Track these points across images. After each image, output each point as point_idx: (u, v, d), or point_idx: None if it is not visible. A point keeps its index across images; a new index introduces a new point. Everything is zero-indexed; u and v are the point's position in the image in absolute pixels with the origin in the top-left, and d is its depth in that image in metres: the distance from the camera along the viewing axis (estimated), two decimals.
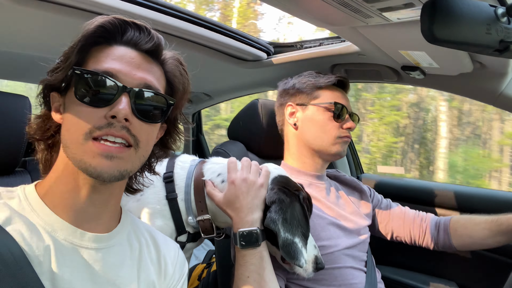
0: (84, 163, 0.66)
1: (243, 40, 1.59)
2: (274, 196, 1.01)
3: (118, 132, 0.67)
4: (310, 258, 1.05)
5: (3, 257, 0.58)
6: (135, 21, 0.74)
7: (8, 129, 1.07)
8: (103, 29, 0.71)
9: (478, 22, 0.65)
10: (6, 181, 1.10)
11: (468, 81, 1.38)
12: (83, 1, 1.09)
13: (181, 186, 1.11)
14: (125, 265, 0.76)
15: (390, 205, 1.54)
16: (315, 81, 1.40)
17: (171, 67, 0.80)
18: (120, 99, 0.68)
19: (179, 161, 1.17)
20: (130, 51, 0.73)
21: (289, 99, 1.45)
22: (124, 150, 0.68)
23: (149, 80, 0.72)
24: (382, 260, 1.86)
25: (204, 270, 1.70)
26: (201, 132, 2.93)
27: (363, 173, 2.20)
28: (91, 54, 0.72)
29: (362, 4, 0.85)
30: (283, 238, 0.97)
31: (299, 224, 1.01)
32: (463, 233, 1.38)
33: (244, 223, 0.99)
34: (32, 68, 1.64)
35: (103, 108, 0.67)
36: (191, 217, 1.11)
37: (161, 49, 0.77)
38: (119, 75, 0.69)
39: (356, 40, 1.30)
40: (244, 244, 0.97)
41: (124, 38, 0.73)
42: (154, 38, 0.75)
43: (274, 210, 0.99)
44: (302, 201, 1.06)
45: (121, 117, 0.67)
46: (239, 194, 1.01)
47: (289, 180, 1.11)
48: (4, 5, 1.03)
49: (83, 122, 0.66)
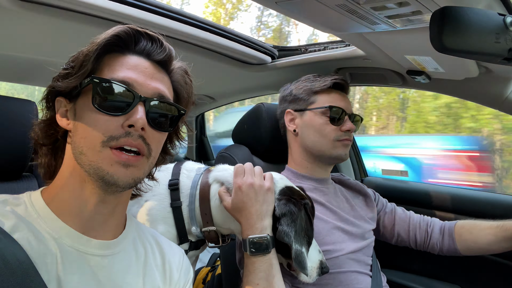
0: (102, 170, 0.67)
1: (247, 44, 1.60)
2: (284, 208, 1.01)
3: (135, 141, 0.69)
4: (315, 264, 1.05)
5: (11, 265, 0.58)
6: (148, 31, 0.76)
7: (15, 134, 1.07)
8: (118, 38, 0.72)
9: (487, 31, 0.66)
10: (13, 186, 1.11)
11: (473, 85, 1.38)
12: (86, 6, 1.09)
13: (185, 195, 1.11)
14: (130, 271, 0.76)
15: (394, 209, 1.54)
16: (311, 86, 1.40)
17: (178, 77, 0.81)
18: (136, 108, 0.69)
19: (184, 169, 1.16)
20: (143, 61, 0.74)
21: (288, 105, 1.45)
22: (138, 158, 0.70)
23: (162, 90, 0.74)
24: (387, 264, 1.85)
25: (209, 273, 1.70)
26: (205, 134, 2.92)
27: (367, 176, 2.20)
28: (105, 62, 0.72)
29: (370, 12, 0.85)
30: (295, 250, 0.97)
31: (306, 234, 1.02)
32: (468, 239, 1.38)
33: (254, 230, 0.98)
34: (33, 71, 1.65)
35: (120, 117, 0.68)
36: (194, 227, 1.10)
37: (171, 60, 0.79)
38: (134, 85, 0.71)
39: (361, 45, 1.30)
40: (254, 251, 0.97)
41: (137, 47, 0.74)
42: (166, 49, 0.77)
43: (285, 223, 0.99)
44: (308, 210, 1.06)
45: (138, 126, 0.68)
46: (247, 200, 1.01)
47: (294, 189, 1.11)
48: (5, 9, 1.03)
49: (100, 130, 0.67)
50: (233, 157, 1.50)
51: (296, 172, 1.42)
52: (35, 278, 0.60)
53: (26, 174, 1.17)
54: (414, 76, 1.42)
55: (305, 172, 1.41)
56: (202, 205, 1.09)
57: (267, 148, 1.59)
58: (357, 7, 0.84)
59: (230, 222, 1.08)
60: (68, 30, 1.20)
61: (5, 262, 0.58)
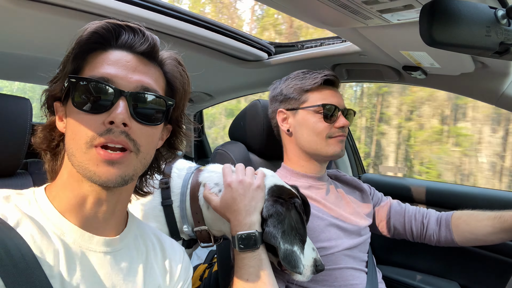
0: (89, 171, 0.67)
1: (243, 40, 1.59)
2: (271, 209, 1.01)
3: (116, 138, 0.66)
4: (309, 262, 1.05)
5: (14, 260, 0.59)
6: (129, 23, 0.73)
7: (10, 131, 1.08)
8: (97, 35, 0.71)
9: (478, 24, 0.65)
10: (7, 183, 1.11)
11: (469, 81, 1.37)
12: (82, 3, 1.09)
13: (176, 194, 1.10)
14: (132, 268, 0.77)
15: (390, 203, 1.54)
16: (301, 84, 1.37)
17: (170, 68, 0.79)
18: (117, 103, 0.67)
19: (175, 168, 1.16)
20: (126, 54, 0.72)
21: (279, 105, 1.43)
22: (124, 155, 0.68)
23: (146, 82, 0.72)
24: (383, 260, 1.85)
25: (206, 270, 1.70)
26: (203, 132, 2.92)
27: (364, 173, 2.20)
28: (87, 61, 0.71)
29: (361, 6, 0.85)
30: (283, 250, 0.96)
31: (297, 232, 1.01)
32: (465, 229, 1.38)
33: (242, 226, 0.98)
34: (29, 68, 1.65)
35: (102, 114, 0.67)
36: (186, 225, 1.10)
37: (156, 49, 0.76)
38: (115, 80, 0.69)
39: (357, 41, 1.29)
40: (242, 247, 0.97)
41: (118, 42, 0.72)
42: (149, 39, 0.74)
43: (272, 224, 0.98)
44: (298, 208, 1.05)
45: (118, 122, 0.66)
46: (236, 196, 1.01)
47: (283, 188, 1.10)
48: (3, 7, 1.03)
49: (84, 130, 0.66)
50: (229, 154, 1.50)
51: (292, 170, 1.41)
52: (37, 271, 0.61)
53: (20, 171, 1.17)
54: (410, 71, 1.41)
55: (300, 170, 1.40)
56: (193, 204, 1.09)
57: (263, 145, 1.58)
58: (348, 1, 0.83)
59: (220, 223, 1.08)
60: (65, 27, 1.19)
61: (8, 254, 0.59)
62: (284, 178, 1.38)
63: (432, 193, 1.84)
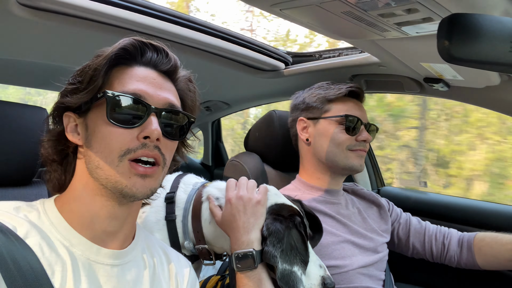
0: (120, 183, 0.69)
1: (261, 50, 1.58)
2: (270, 228, 0.97)
3: (151, 152, 0.70)
4: (316, 281, 0.99)
5: (22, 269, 0.59)
6: (152, 42, 0.77)
7: (26, 141, 1.09)
8: (125, 51, 0.73)
9: (501, 39, 0.61)
10: (23, 192, 1.12)
11: (495, 94, 1.31)
12: (99, 14, 1.11)
13: (180, 209, 1.10)
14: (139, 281, 0.76)
15: (409, 220, 1.48)
16: (325, 94, 1.35)
17: (182, 85, 0.82)
18: (150, 119, 0.70)
19: (182, 183, 1.15)
20: (151, 71, 0.75)
21: (300, 114, 1.41)
22: (155, 169, 0.72)
23: (171, 99, 0.75)
24: (401, 278, 1.78)
25: (219, 282, 1.68)
26: (220, 139, 2.93)
27: (384, 186, 2.13)
28: (114, 76, 0.73)
29: (377, 19, 0.82)
30: (281, 270, 0.92)
31: (297, 252, 0.96)
32: (488, 253, 1.31)
33: (240, 244, 0.94)
34: (47, 76, 1.69)
35: (135, 129, 0.70)
36: (187, 241, 1.09)
37: (177, 69, 0.80)
38: (145, 96, 0.72)
39: (375, 52, 1.26)
40: (240, 267, 0.93)
41: (143, 59, 0.75)
42: (172, 60, 0.78)
43: (271, 243, 0.94)
44: (298, 227, 1.00)
45: (154, 137, 0.69)
46: (235, 213, 0.98)
47: (284, 206, 1.05)
48: (17, 17, 1.05)
49: (116, 143, 0.69)
50: (243, 165, 1.48)
51: (307, 183, 1.38)
52: (46, 284, 0.61)
53: (36, 180, 1.19)
54: (432, 83, 1.36)
55: (315, 183, 1.37)
56: (194, 222, 1.08)
57: (278, 156, 1.56)
58: (364, 14, 0.80)
59: (221, 240, 1.06)
60: (80, 37, 1.22)
61: (17, 265, 0.59)
62: (298, 191, 1.36)
63: (454, 209, 1.76)
